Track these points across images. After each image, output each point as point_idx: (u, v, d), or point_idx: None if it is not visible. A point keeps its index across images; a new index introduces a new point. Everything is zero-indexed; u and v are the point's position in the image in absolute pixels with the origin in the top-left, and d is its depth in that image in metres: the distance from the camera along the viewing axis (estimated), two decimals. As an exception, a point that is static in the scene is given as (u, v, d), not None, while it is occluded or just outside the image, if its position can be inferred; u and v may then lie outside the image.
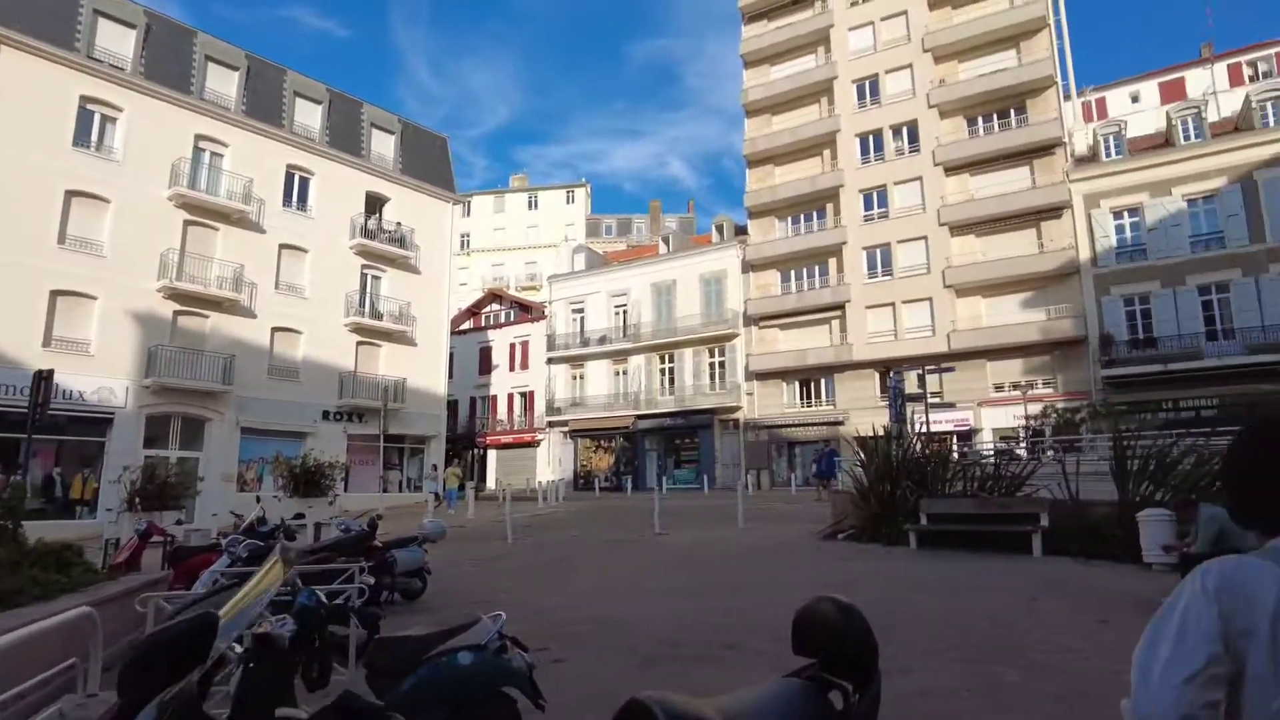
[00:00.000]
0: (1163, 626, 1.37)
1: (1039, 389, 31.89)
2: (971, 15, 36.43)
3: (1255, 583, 1.32)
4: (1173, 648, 1.32)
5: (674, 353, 41.51)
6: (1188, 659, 1.29)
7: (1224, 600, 1.31)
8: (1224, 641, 1.29)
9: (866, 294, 36.16)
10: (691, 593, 9.71)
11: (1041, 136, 33.58)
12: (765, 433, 38.32)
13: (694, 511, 22.47)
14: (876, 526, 13.43)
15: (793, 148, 39.98)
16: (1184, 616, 1.34)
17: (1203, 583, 1.36)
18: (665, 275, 42.70)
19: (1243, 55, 46.52)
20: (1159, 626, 1.38)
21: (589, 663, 6.60)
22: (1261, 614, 1.28)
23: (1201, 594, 1.34)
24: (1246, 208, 29.38)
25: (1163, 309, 30.20)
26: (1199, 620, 1.31)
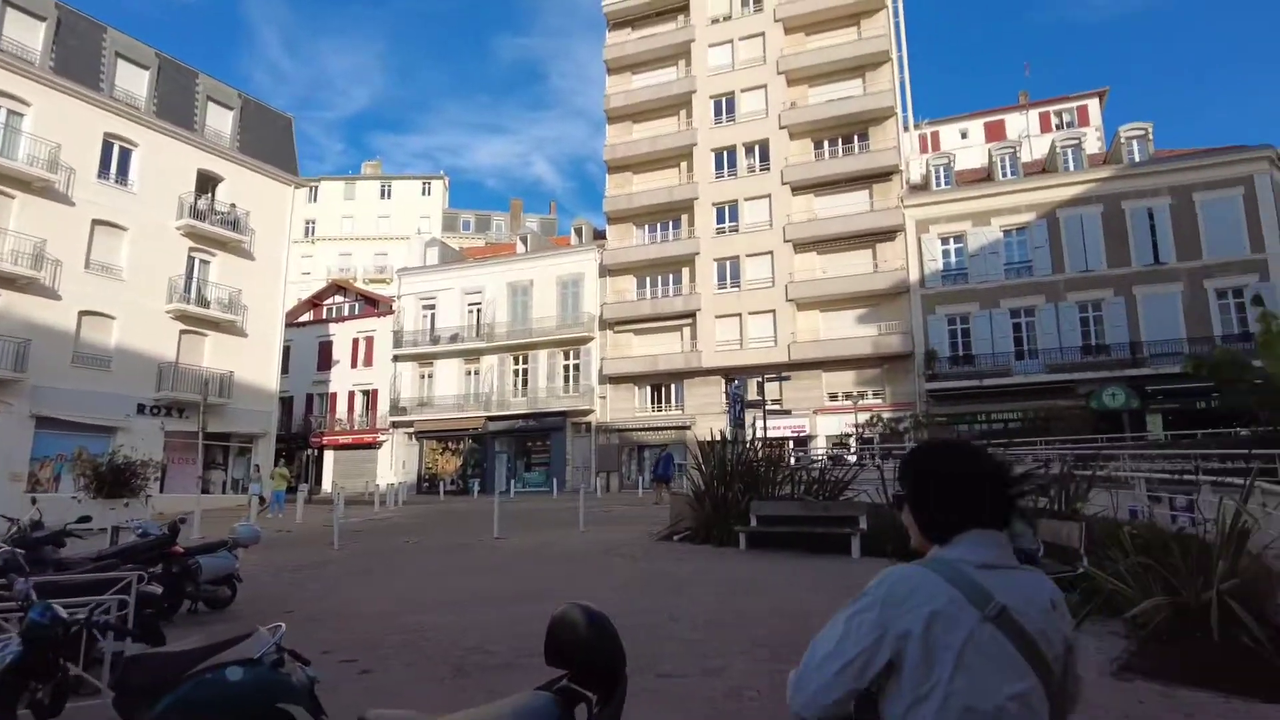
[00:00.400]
0: (837, 621, 1.55)
1: (869, 399, 33.99)
2: (822, 43, 38.42)
3: (916, 589, 1.50)
4: (837, 641, 1.51)
5: (528, 354, 41.11)
6: (843, 652, 1.49)
7: (888, 605, 1.49)
8: (882, 640, 1.47)
9: (716, 304, 37.27)
10: (518, 599, 9.54)
11: (881, 163, 35.88)
12: (617, 436, 38.65)
13: (538, 515, 22.24)
14: (710, 528, 13.73)
15: (651, 157, 40.66)
16: (854, 616, 1.53)
17: (876, 588, 1.55)
18: (523, 275, 42.23)
19: (1051, 105, 51.81)
20: (836, 620, 1.56)
21: (397, 674, 6.31)
22: (917, 617, 1.46)
23: (871, 598, 1.53)
24: (1050, 241, 32.63)
25: (980, 329, 32.97)
26: (863, 621, 1.50)
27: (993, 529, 1.61)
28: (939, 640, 1.44)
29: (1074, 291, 31.91)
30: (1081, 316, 31.72)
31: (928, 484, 1.68)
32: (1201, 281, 30.37)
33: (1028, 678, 1.46)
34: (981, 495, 1.61)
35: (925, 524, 1.68)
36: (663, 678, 5.97)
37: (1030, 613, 1.51)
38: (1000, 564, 1.56)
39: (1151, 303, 30.84)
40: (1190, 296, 30.38)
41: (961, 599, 1.46)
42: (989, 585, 1.50)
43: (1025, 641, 1.47)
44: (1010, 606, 1.48)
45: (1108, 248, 31.74)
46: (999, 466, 1.65)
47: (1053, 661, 1.51)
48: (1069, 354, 31.34)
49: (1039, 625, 1.51)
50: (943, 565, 1.54)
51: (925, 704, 1.43)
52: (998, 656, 1.45)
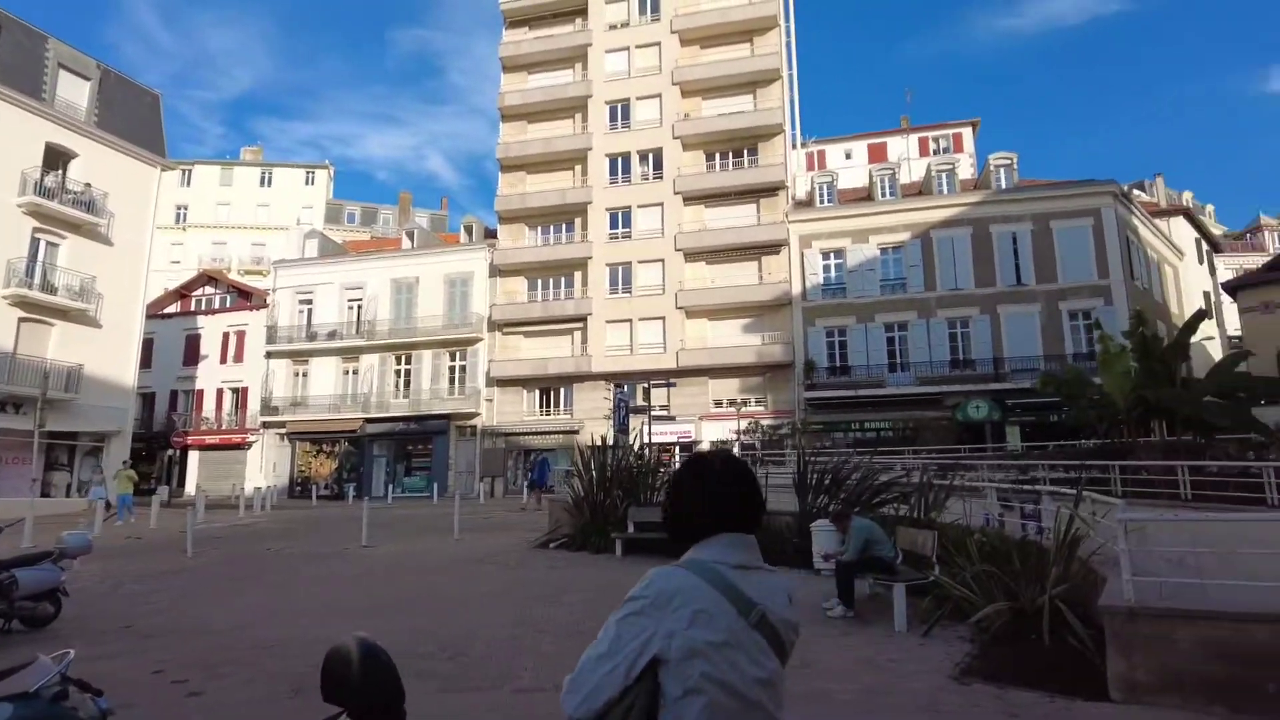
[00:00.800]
0: (610, 624, 1.63)
1: (752, 406, 34.81)
2: (717, 57, 39.16)
3: (679, 590, 1.61)
4: (609, 643, 1.59)
5: (412, 354, 39.86)
6: (614, 653, 1.58)
7: (655, 606, 1.60)
8: (650, 639, 1.57)
9: (607, 309, 37.28)
10: (377, 610, 9.14)
11: (769, 179, 36.87)
12: (503, 440, 38.00)
13: (414, 521, 21.56)
14: (588, 535, 13.64)
15: (546, 158, 40.32)
16: (625, 618, 1.61)
17: (640, 592, 1.64)
18: (408, 271, 40.92)
19: (930, 131, 54.72)
20: (608, 624, 1.63)
21: (231, 694, 5.86)
22: (681, 616, 1.57)
23: (639, 600, 1.63)
24: (924, 260, 34.37)
25: (856, 342, 34.33)
26: (632, 622, 1.60)
27: (744, 533, 1.75)
28: (700, 636, 1.56)
29: (944, 308, 33.73)
30: (950, 332, 33.55)
31: (686, 491, 1.82)
32: (1057, 303, 32.71)
33: (773, 666, 1.63)
34: (734, 502, 1.77)
35: (683, 527, 1.80)
36: (520, 693, 5.81)
37: (777, 608, 1.67)
38: (752, 565, 1.71)
39: (1013, 321, 32.97)
40: (1047, 317, 32.66)
41: (720, 598, 1.61)
42: (744, 585, 1.64)
43: (773, 634, 1.64)
44: (766, 608, 1.64)
45: (976, 268, 33.71)
46: (750, 477, 1.83)
47: (789, 647, 1.71)
48: (938, 368, 33.08)
49: (783, 618, 1.68)
50: (702, 567, 1.66)
51: (691, 695, 1.54)
52: (751, 648, 1.60)
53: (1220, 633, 5.15)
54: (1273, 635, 4.99)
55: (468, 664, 6.72)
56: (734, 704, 1.55)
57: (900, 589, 7.82)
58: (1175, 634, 5.22)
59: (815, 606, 8.78)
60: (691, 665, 1.54)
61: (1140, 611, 5.31)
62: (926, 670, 6.23)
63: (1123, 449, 16.54)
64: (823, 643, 7.26)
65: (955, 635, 7.33)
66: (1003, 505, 11.91)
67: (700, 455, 1.92)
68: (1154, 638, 5.27)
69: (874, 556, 8.53)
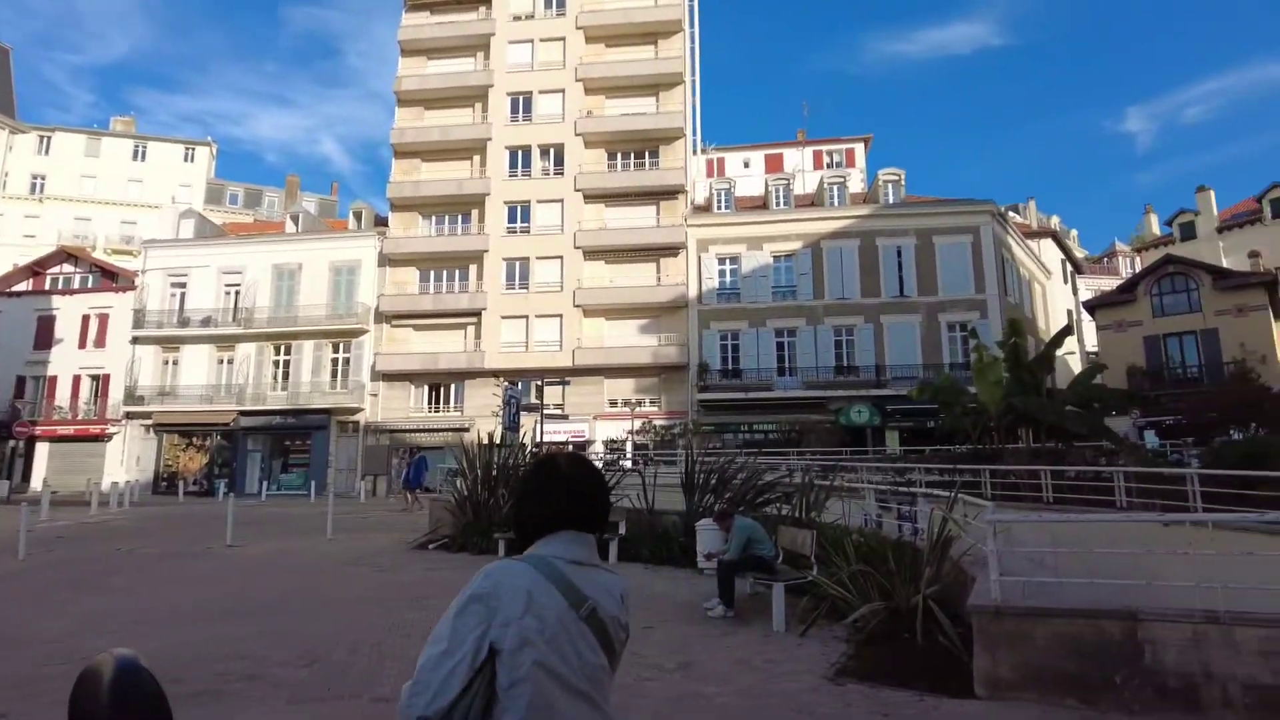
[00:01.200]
0: (446, 621, 1.63)
1: (646, 407, 34.90)
2: (621, 56, 39.13)
3: (515, 584, 1.64)
4: (448, 640, 1.59)
5: (292, 344, 37.91)
6: (455, 650, 1.57)
7: (490, 598, 1.62)
8: (486, 631, 1.59)
9: (503, 304, 36.57)
10: (233, 614, 8.47)
11: (669, 181, 37.11)
12: (388, 437, 36.65)
13: (287, 520, 20.44)
14: (470, 536, 13.19)
15: (442, 146, 39.22)
16: (461, 613, 1.62)
17: (479, 584, 1.65)
18: (291, 257, 38.90)
19: (824, 145, 56.44)
20: (445, 620, 1.63)
21: (43, 715, 5.21)
22: (514, 607, 1.61)
23: (474, 593, 1.63)
24: (814, 269, 35.38)
25: (748, 346, 34.98)
26: (469, 615, 1.61)
27: (584, 531, 1.80)
28: (532, 626, 1.60)
29: (831, 316, 34.83)
30: (836, 340, 34.66)
31: (532, 490, 1.87)
32: (937, 315, 34.32)
33: (600, 659, 1.69)
34: (577, 502, 1.82)
35: (527, 522, 1.84)
36: (379, 701, 5.43)
37: (608, 605, 1.73)
38: (587, 562, 1.76)
39: (895, 331, 34.37)
40: (926, 327, 34.23)
41: (553, 590, 1.65)
42: (578, 580, 1.70)
43: (603, 629, 1.70)
44: (597, 602, 1.70)
45: (862, 279, 34.97)
46: (594, 479, 1.89)
47: (617, 645, 1.75)
48: (824, 373, 34.12)
49: (613, 616, 1.73)
50: (540, 561, 1.71)
51: (520, 684, 1.57)
52: (580, 641, 1.65)
53: (1075, 629, 5.34)
54: (1122, 630, 5.20)
55: (326, 671, 6.26)
56: (560, 693, 1.59)
57: (779, 588, 7.84)
58: (1035, 631, 5.38)
59: (697, 606, 8.72)
60: (523, 654, 1.58)
61: (1005, 610, 5.44)
62: (802, 671, 6.22)
63: (992, 454, 17.40)
64: (702, 644, 7.18)
65: (832, 635, 7.39)
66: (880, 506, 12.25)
67: (548, 456, 2.00)
68: (1016, 635, 5.41)
69: (755, 556, 8.53)
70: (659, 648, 7.03)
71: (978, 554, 7.45)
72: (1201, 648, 5.01)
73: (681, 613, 8.55)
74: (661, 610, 8.69)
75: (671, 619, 8.25)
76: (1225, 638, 4.96)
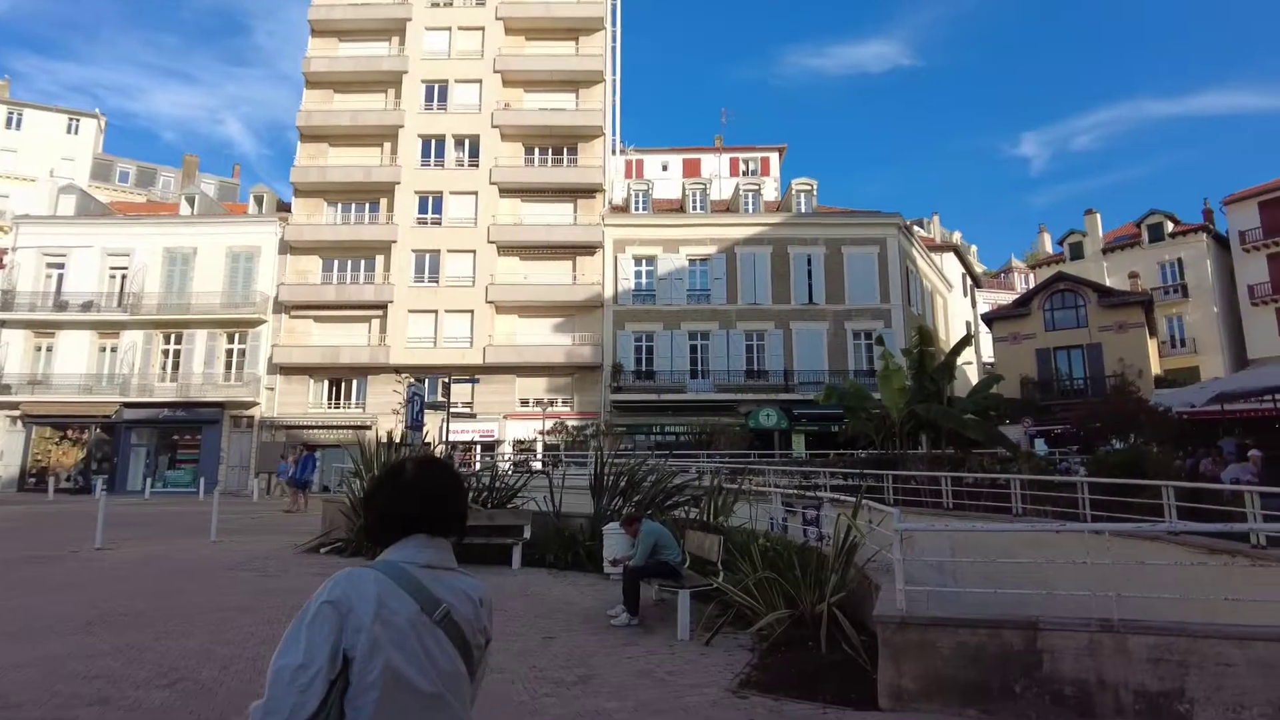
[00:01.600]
0: (297, 633, 1.57)
1: (559, 407, 34.45)
2: (541, 50, 38.57)
3: (365, 589, 1.62)
4: (303, 652, 1.53)
5: (184, 333, 35.72)
6: (310, 661, 1.52)
7: (340, 605, 1.59)
8: (339, 638, 1.56)
9: (411, 297, 35.43)
10: (91, 625, 7.69)
11: (587, 180, 36.77)
12: (285, 433, 34.95)
13: (169, 520, 19.15)
14: (364, 539, 12.51)
15: (352, 131, 37.73)
16: (312, 622, 1.57)
17: (329, 591, 1.61)
18: (185, 241, 36.66)
19: (741, 153, 57.19)
20: (296, 633, 1.57)
21: None
22: (365, 612, 1.58)
23: (325, 601, 1.59)
24: (728, 274, 35.71)
25: (662, 348, 35.00)
26: (321, 625, 1.56)
27: (438, 535, 1.79)
28: (382, 631, 1.57)
29: (743, 321, 35.23)
30: (747, 344, 35.09)
31: (381, 495, 1.84)
32: (843, 322, 35.17)
33: (456, 663, 1.68)
34: (427, 506, 1.80)
35: (377, 527, 1.83)
36: (245, 727, 4.90)
37: (464, 610, 1.72)
38: (441, 565, 1.76)
39: (803, 337, 35.04)
40: (833, 334, 35.03)
41: (404, 595, 1.64)
42: (431, 585, 1.69)
43: (458, 634, 1.69)
44: (452, 606, 1.70)
45: (774, 285, 35.52)
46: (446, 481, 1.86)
47: (475, 650, 1.75)
48: (735, 377, 34.47)
49: (469, 620, 1.73)
50: (390, 566, 1.70)
51: (371, 691, 1.54)
52: (433, 644, 1.64)
53: (978, 639, 5.32)
54: (1023, 639, 5.21)
55: (190, 692, 5.68)
56: (409, 698, 1.58)
57: (685, 596, 7.64)
58: (939, 642, 5.33)
59: (601, 614, 8.46)
60: (374, 660, 1.56)
61: (910, 621, 5.38)
62: (705, 683, 6.02)
63: (895, 459, 17.80)
64: (604, 654, 6.91)
65: (737, 644, 7.24)
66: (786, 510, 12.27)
67: (399, 461, 1.93)
68: (921, 646, 5.36)
69: (661, 562, 8.32)
70: (559, 659, 6.72)
71: (882, 560, 7.45)
72: (1096, 656, 5.06)
73: (584, 621, 8.25)
74: (564, 619, 8.38)
75: (574, 628, 7.95)
76: (1118, 645, 5.03)
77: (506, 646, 7.11)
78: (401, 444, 14.35)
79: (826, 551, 7.98)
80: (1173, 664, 4.91)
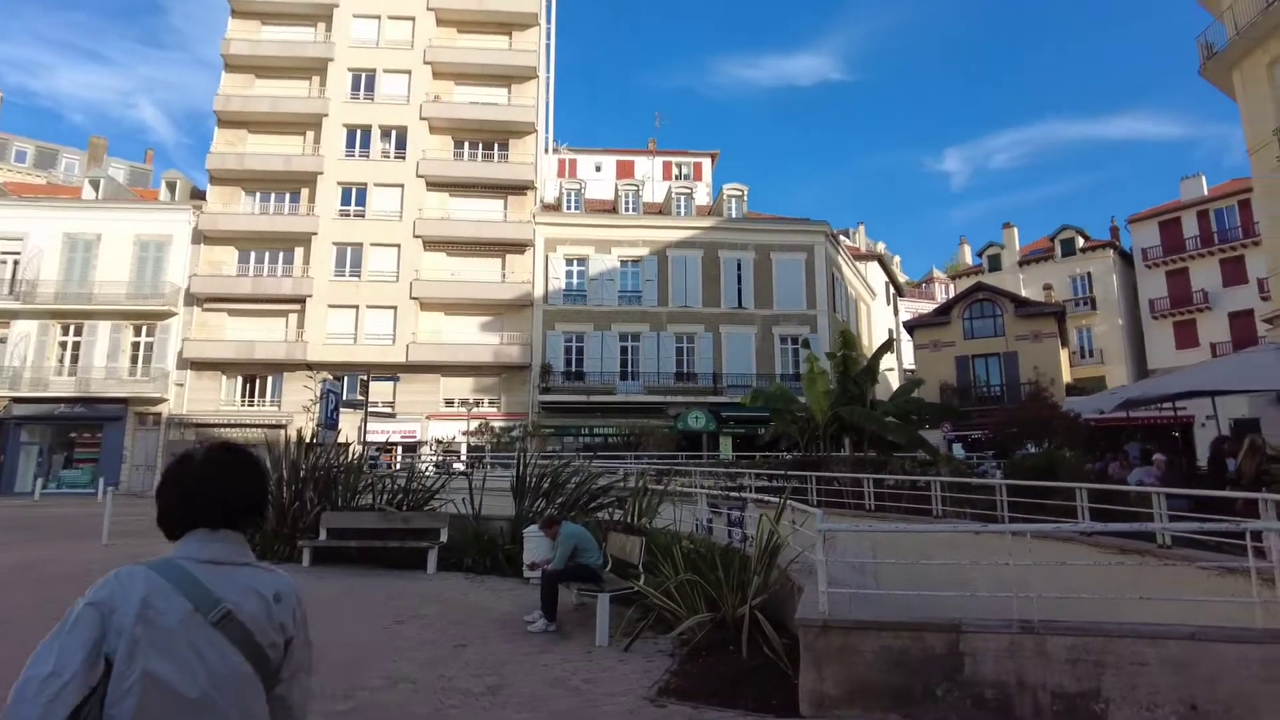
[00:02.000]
0: (49, 640, 1.47)
1: (485, 407, 33.76)
2: (474, 43, 37.82)
3: (131, 589, 1.54)
4: (55, 660, 1.43)
5: (84, 324, 33.61)
6: (64, 669, 1.42)
7: (103, 606, 1.51)
8: (100, 642, 1.47)
9: (331, 292, 34.19)
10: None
11: (518, 176, 36.18)
12: (194, 431, 33.21)
13: (59, 522, 17.96)
14: (270, 544, 11.87)
15: (273, 118, 36.22)
16: (72, 628, 1.48)
17: (94, 592, 1.55)
18: (88, 226, 34.53)
19: (674, 157, 57.44)
20: (48, 640, 1.47)
21: None
22: (128, 613, 1.50)
23: (88, 603, 1.52)
24: (659, 276, 35.66)
25: (593, 348, 34.68)
26: (81, 629, 1.48)
27: (226, 528, 1.69)
28: (144, 633, 1.48)
29: (674, 323, 35.21)
30: (678, 347, 35.09)
31: (165, 488, 1.74)
32: (771, 327, 35.52)
33: (237, 666, 1.55)
34: (210, 497, 1.69)
35: (161, 521, 1.73)
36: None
37: (250, 608, 1.60)
38: (227, 560, 1.64)
39: (732, 340, 35.24)
40: (761, 338, 35.35)
41: (174, 593, 1.54)
42: (211, 582, 1.59)
43: (242, 635, 1.57)
44: (234, 604, 1.58)
45: (704, 288, 35.64)
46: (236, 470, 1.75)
47: (269, 649, 1.62)
48: (665, 379, 34.42)
49: (259, 619, 1.60)
50: (166, 564, 1.60)
51: (128, 698, 1.45)
52: (207, 648, 1.53)
53: (901, 642, 5.21)
54: (945, 642, 5.12)
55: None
56: (171, 704, 1.48)
57: (604, 600, 7.37)
58: (862, 645, 5.20)
59: (518, 619, 8.11)
60: (133, 664, 1.47)
61: (833, 624, 5.23)
62: (622, 691, 5.76)
63: (818, 461, 17.93)
64: (518, 662, 6.57)
65: (657, 649, 7.00)
66: (712, 510, 12.15)
67: (186, 452, 1.84)
68: (843, 650, 5.22)
69: (581, 565, 8.03)
70: (469, 668, 6.36)
71: (805, 562, 7.32)
72: (1017, 658, 5.00)
73: (500, 628, 7.89)
74: (478, 625, 8.00)
75: (488, 635, 7.58)
76: (1038, 647, 4.98)
77: (414, 655, 6.72)
78: (314, 444, 13.66)
79: (750, 553, 7.83)
80: (1090, 664, 4.89)
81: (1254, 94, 20.83)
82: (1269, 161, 20.30)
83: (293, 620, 1.70)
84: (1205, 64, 22.06)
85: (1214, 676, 4.69)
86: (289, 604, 1.71)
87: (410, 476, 13.51)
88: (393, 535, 11.48)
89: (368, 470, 14.27)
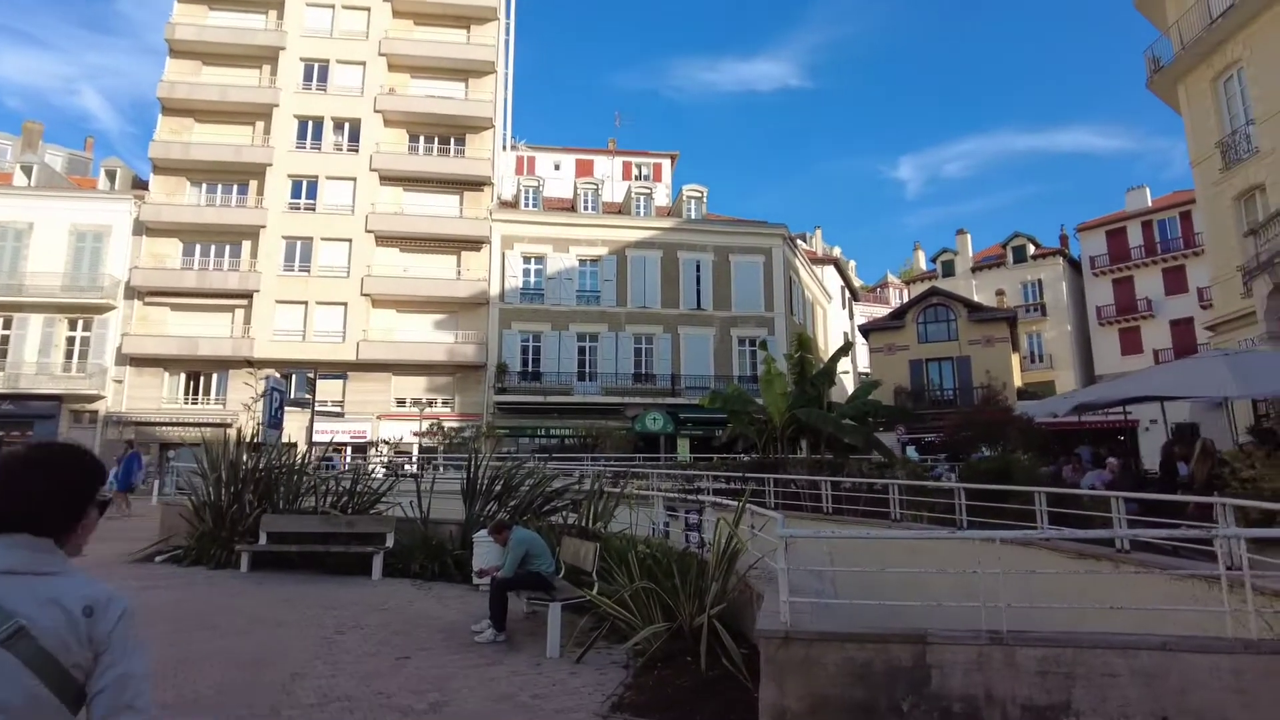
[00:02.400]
0: None
1: (438, 407, 33.08)
2: (430, 36, 37.11)
3: None
4: None
5: (14, 317, 32.12)
6: None
7: None
8: None
9: (279, 287, 33.17)
10: None
11: (475, 172, 35.55)
12: (134, 430, 31.94)
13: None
14: (208, 547, 11.30)
15: (220, 107, 35.03)
16: None
17: None
18: (18, 214, 33.00)
19: (634, 157, 57.18)
20: None
21: None
22: None
23: None
24: (618, 276, 35.35)
25: (550, 348, 34.21)
26: None
27: (25, 533, 1.53)
28: None
29: (632, 324, 34.94)
30: (636, 347, 34.82)
31: None
32: (729, 329, 35.47)
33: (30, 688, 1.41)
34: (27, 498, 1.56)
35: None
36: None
37: (47, 622, 1.46)
38: (24, 570, 1.50)
39: (691, 342, 35.11)
40: (719, 340, 35.28)
41: None
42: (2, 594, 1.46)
43: (36, 653, 1.43)
44: (29, 619, 1.44)
45: (663, 289, 35.44)
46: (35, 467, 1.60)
47: (72, 669, 1.47)
48: (623, 380, 34.11)
49: (57, 633, 1.46)
50: None
51: None
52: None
53: (864, 654, 4.98)
54: (912, 654, 4.90)
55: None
56: None
57: (556, 609, 7.03)
58: (825, 658, 4.96)
59: (465, 629, 7.73)
60: None
61: (795, 636, 4.99)
62: (573, 707, 5.44)
63: (776, 463, 17.80)
64: (464, 676, 6.21)
65: (610, 660, 6.69)
66: (669, 514, 11.87)
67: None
68: (806, 662, 4.97)
69: (531, 572, 7.69)
70: (411, 683, 5.97)
71: (765, 568, 7.08)
72: (985, 670, 4.81)
73: (446, 638, 7.51)
74: (423, 635, 7.60)
75: (433, 646, 7.19)
76: (1007, 658, 4.79)
77: (352, 669, 6.30)
78: (256, 444, 13.06)
79: (708, 558, 7.56)
80: (1060, 676, 4.72)
81: (1198, 107, 21.35)
82: (1211, 174, 20.82)
83: (109, 633, 1.50)
84: (1152, 77, 22.56)
85: (1185, 687, 4.56)
86: (105, 618, 1.51)
87: (356, 478, 12.96)
88: (336, 539, 10.99)
89: (316, 471, 13.67)
